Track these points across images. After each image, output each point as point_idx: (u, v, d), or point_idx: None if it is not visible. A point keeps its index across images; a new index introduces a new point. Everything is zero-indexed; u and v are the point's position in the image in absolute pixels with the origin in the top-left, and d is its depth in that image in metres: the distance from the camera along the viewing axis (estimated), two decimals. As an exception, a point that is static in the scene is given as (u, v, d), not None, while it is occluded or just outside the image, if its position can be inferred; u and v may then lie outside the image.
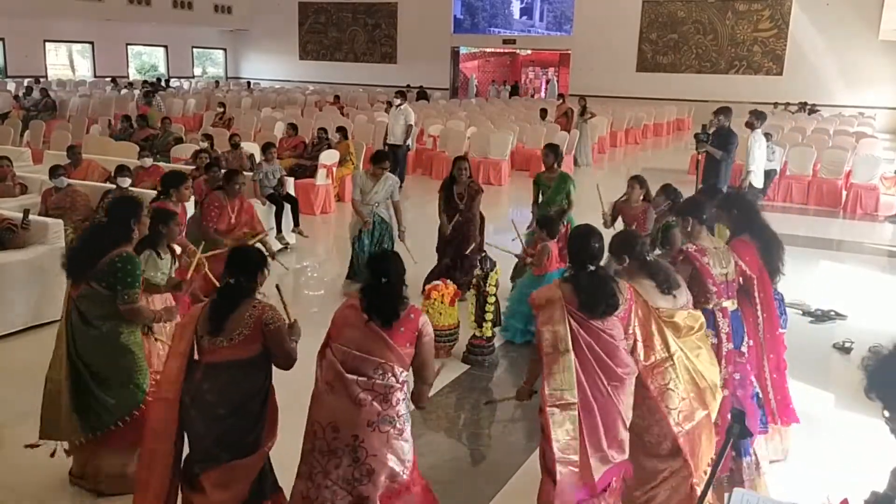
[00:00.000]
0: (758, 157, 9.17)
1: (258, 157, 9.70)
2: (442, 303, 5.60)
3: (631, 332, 3.22)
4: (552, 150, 6.92)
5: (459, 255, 6.81)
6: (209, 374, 3.02)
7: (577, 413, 3.01)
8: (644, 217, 5.88)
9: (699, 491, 3.31)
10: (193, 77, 30.60)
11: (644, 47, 25.94)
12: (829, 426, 4.64)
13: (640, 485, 3.33)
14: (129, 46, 28.75)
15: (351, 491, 2.95)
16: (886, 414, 1.82)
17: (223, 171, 7.07)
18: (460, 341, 5.73)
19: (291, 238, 8.60)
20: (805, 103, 22.05)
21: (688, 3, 25.26)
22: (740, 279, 3.91)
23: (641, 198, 5.99)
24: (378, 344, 2.98)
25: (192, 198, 7.83)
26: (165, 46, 30.03)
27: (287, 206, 8.58)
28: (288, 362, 3.12)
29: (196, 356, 3.09)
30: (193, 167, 8.88)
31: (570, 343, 3.02)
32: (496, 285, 5.63)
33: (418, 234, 6.80)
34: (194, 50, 31.58)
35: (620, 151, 18.76)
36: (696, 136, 8.76)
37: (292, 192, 8.93)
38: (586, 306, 3.06)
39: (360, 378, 2.95)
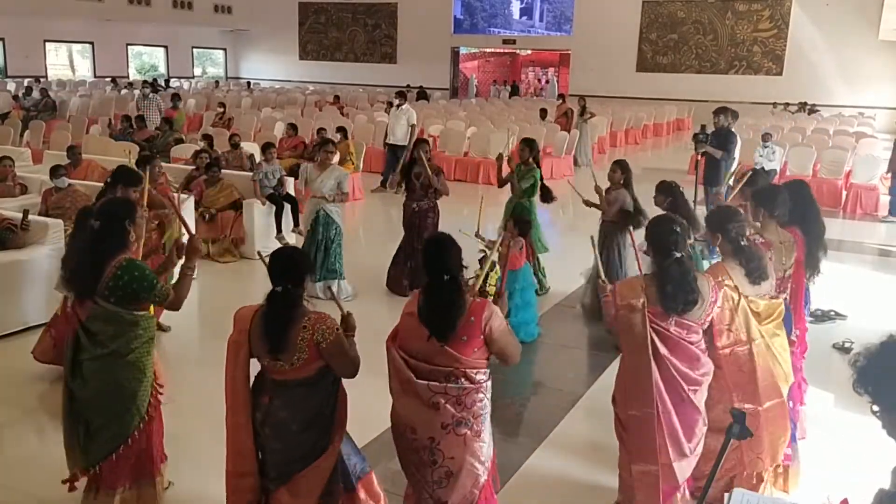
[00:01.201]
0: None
1: (258, 157, 9.71)
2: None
3: (717, 327, 3.28)
4: (528, 145, 6.95)
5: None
6: (279, 392, 2.88)
7: (653, 421, 3.07)
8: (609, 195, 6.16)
9: (766, 474, 3.54)
10: (193, 77, 30.61)
11: (644, 47, 25.94)
12: (829, 426, 4.63)
13: (706, 461, 3.37)
14: (129, 46, 28.75)
15: (432, 493, 2.90)
16: (875, 408, 1.83)
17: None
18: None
19: (291, 238, 8.60)
20: (805, 103, 22.06)
21: (688, 3, 25.26)
22: None
23: (621, 182, 6.15)
24: (443, 355, 2.82)
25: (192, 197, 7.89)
26: (165, 46, 30.02)
27: (287, 206, 8.58)
28: (351, 372, 2.94)
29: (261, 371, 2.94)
30: (193, 167, 8.90)
31: (650, 352, 3.04)
32: (496, 285, 5.62)
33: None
34: (194, 50, 31.58)
35: (620, 151, 18.74)
36: (694, 136, 8.74)
37: (292, 192, 8.93)
38: (667, 299, 3.03)
39: (432, 383, 2.83)
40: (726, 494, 2.37)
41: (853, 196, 11.70)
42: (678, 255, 3.08)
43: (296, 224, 8.74)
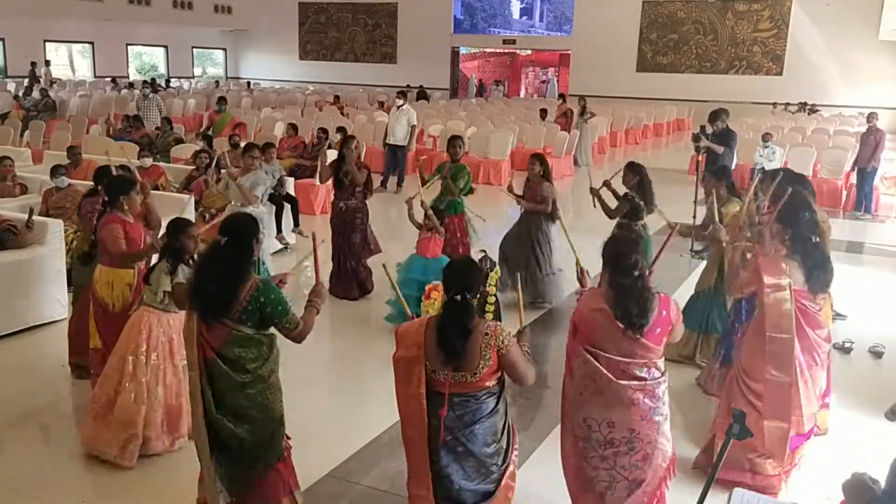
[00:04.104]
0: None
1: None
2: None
3: None
4: (462, 143, 7.22)
5: (351, 252, 6.74)
6: (466, 406, 2.85)
7: (791, 389, 3.56)
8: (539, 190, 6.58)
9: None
10: (193, 77, 30.60)
11: (644, 47, 25.94)
12: (829, 426, 4.63)
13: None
14: (129, 46, 28.75)
15: (628, 476, 3.10)
16: None
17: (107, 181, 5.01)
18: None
19: (291, 238, 8.60)
20: (805, 103, 22.06)
21: (688, 3, 25.26)
22: None
23: (540, 174, 6.59)
24: (638, 347, 3.00)
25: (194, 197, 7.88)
26: (165, 46, 30.02)
27: (287, 206, 8.57)
28: (530, 378, 2.95)
29: (436, 388, 2.86)
30: (193, 167, 8.90)
31: (793, 327, 3.51)
32: (496, 285, 5.62)
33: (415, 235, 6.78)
34: (194, 50, 31.57)
35: (620, 151, 18.75)
36: (694, 136, 8.70)
37: (292, 192, 8.93)
38: (816, 282, 3.59)
39: (633, 382, 3.01)
40: (726, 494, 2.37)
41: (853, 196, 11.69)
42: (815, 239, 3.65)
43: (296, 224, 8.74)
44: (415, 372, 2.82)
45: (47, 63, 22.59)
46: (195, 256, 4.04)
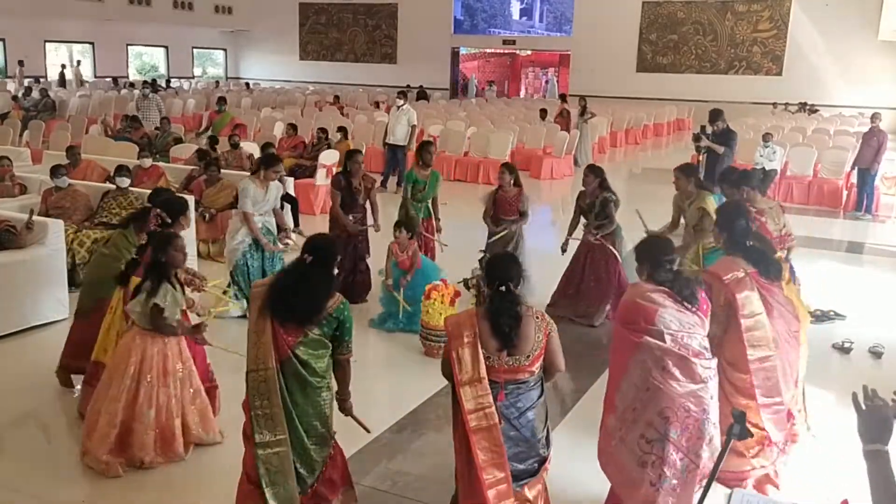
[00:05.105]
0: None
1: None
2: (442, 303, 5.59)
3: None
4: (434, 149, 7.29)
5: (357, 259, 6.75)
6: (518, 393, 2.98)
7: (776, 363, 3.68)
8: (518, 200, 6.62)
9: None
10: (193, 77, 30.61)
11: (644, 48, 25.95)
12: (828, 426, 4.63)
13: None
14: (129, 47, 28.76)
15: (695, 459, 3.20)
16: None
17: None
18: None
19: (291, 238, 8.58)
20: (805, 103, 22.06)
21: (688, 3, 25.26)
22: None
23: (512, 183, 6.61)
24: (696, 319, 3.25)
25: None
26: (166, 47, 30.02)
27: (287, 206, 8.57)
28: (563, 365, 3.12)
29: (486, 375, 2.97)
30: (193, 167, 8.90)
31: (761, 306, 3.69)
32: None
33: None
34: (194, 50, 31.58)
35: (620, 151, 18.76)
36: (694, 136, 8.72)
37: (292, 192, 8.93)
38: (766, 272, 3.77)
39: (703, 361, 3.20)
40: (726, 493, 2.38)
41: (853, 196, 11.69)
42: (751, 243, 3.83)
43: (296, 224, 8.73)
44: (473, 357, 2.92)
45: (78, 63, 22.55)
46: (180, 272, 3.95)
